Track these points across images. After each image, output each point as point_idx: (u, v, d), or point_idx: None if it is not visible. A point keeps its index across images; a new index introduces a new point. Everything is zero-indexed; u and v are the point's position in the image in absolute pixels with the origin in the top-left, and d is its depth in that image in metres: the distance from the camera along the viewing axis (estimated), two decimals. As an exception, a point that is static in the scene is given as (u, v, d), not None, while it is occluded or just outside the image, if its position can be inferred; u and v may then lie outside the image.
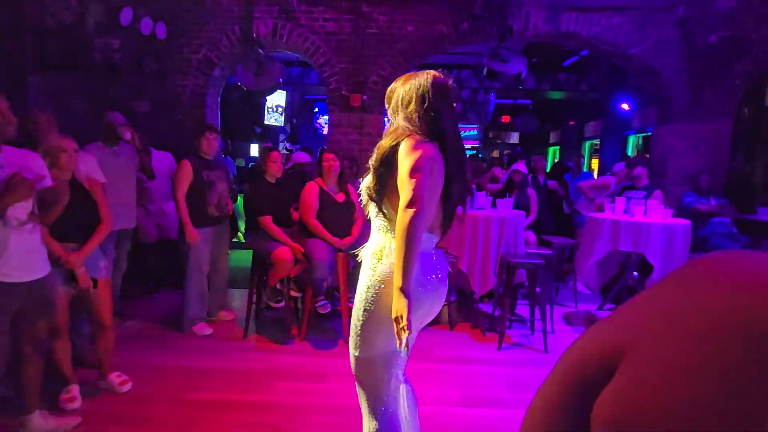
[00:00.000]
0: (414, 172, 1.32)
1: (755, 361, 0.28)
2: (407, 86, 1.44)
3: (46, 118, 2.60)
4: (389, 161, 1.39)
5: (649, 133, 7.57)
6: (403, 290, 1.30)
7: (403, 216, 1.30)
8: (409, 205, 1.30)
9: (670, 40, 4.63)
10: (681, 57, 4.66)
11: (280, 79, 4.63)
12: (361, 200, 1.52)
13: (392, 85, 1.51)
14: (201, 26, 4.62)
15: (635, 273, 3.87)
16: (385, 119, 9.04)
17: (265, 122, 9.00)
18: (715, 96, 4.70)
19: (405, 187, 1.32)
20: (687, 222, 3.56)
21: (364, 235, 3.53)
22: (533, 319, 3.54)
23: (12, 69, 4.21)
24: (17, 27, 3.86)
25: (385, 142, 1.43)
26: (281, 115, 9.25)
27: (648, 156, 5.52)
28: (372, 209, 1.47)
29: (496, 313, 3.56)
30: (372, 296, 1.42)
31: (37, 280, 1.84)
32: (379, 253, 1.45)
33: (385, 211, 1.44)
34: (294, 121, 10.53)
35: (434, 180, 1.38)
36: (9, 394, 2.13)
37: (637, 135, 8.51)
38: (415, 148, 1.34)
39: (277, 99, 8.98)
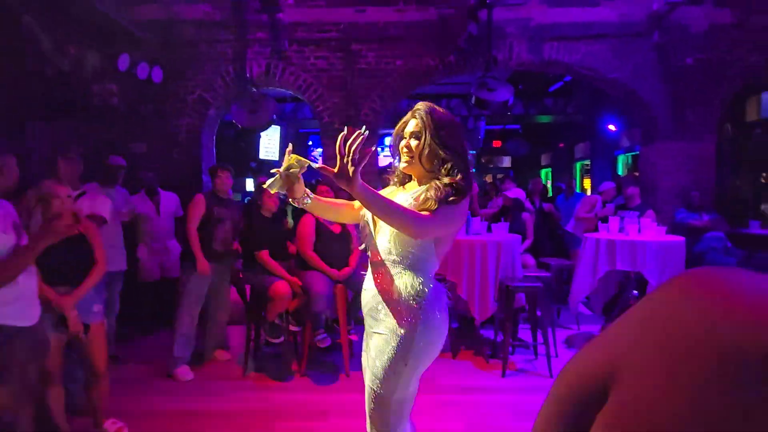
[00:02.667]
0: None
1: (731, 384, 0.30)
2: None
3: (66, 164, 2.71)
4: None
5: (638, 152, 7.74)
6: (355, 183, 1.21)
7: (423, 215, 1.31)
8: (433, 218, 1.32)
9: (648, 64, 4.81)
10: (660, 79, 4.83)
11: (274, 116, 4.75)
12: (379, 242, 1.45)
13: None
14: (196, 69, 4.77)
15: (635, 291, 3.86)
16: (380, 149, 9.17)
17: (261, 157, 9.12)
18: (696, 115, 4.84)
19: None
20: (681, 238, 3.59)
21: (361, 265, 3.54)
22: (536, 343, 3.50)
23: (12, 116, 4.30)
24: (17, 75, 3.97)
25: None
26: (276, 150, 9.40)
27: (638, 175, 5.61)
28: (396, 250, 1.39)
29: (498, 339, 3.52)
30: (415, 344, 1.35)
31: (32, 325, 1.82)
32: (414, 294, 1.37)
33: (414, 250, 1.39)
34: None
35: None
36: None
37: (626, 154, 8.69)
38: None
39: (271, 134, 9.14)
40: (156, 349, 3.58)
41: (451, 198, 1.31)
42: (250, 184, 9.65)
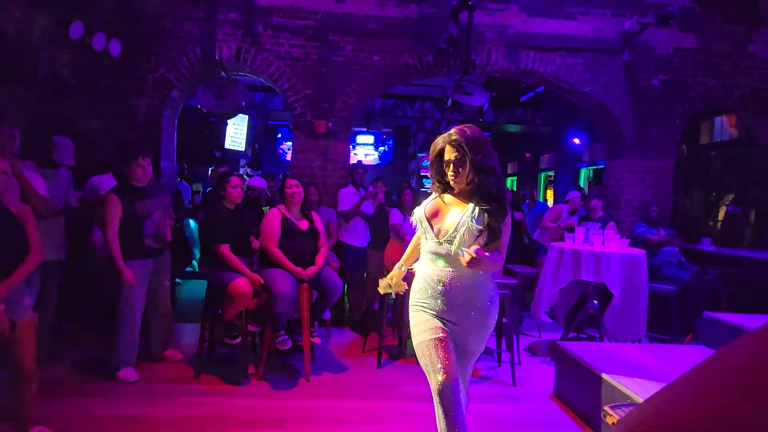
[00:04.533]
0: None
1: None
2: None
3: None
4: None
5: (599, 166, 8.03)
6: None
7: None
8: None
9: (617, 81, 4.96)
10: (628, 97, 5.00)
11: (243, 102, 4.49)
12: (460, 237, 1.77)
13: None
14: (159, 45, 4.44)
15: (595, 302, 3.95)
16: (351, 146, 8.95)
17: (226, 147, 8.73)
18: (659, 133, 5.05)
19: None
20: (642, 252, 3.70)
21: (328, 265, 3.39)
22: (500, 350, 3.49)
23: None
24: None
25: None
26: (242, 140, 9.03)
27: (601, 188, 5.79)
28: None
29: (464, 345, 3.48)
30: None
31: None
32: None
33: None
34: (256, 146, 10.31)
35: None
36: None
37: (588, 167, 9.02)
38: None
39: (239, 123, 8.76)
40: (99, 348, 3.27)
41: (502, 219, 1.78)
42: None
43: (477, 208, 1.75)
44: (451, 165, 1.77)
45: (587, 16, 4.87)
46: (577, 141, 8.60)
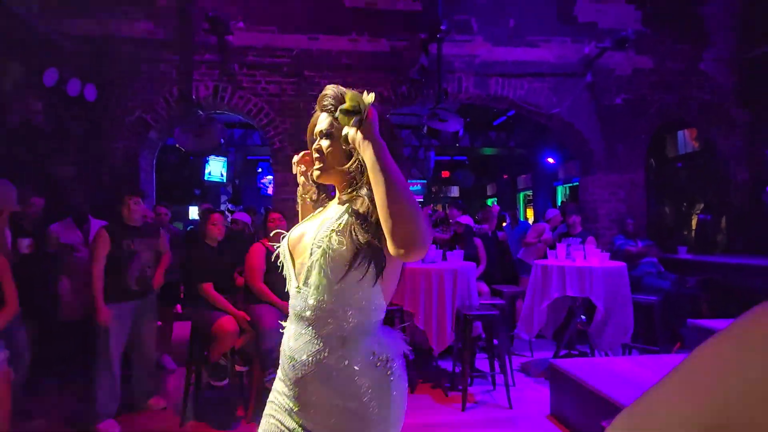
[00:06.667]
0: None
1: None
2: None
3: None
4: None
5: (575, 183, 8.29)
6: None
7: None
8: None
9: (583, 102, 5.21)
10: (593, 116, 5.24)
11: (222, 140, 4.52)
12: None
13: None
14: (136, 88, 4.46)
15: (583, 317, 3.98)
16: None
17: (206, 178, 8.69)
18: (626, 149, 5.28)
19: None
20: (623, 264, 3.79)
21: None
22: (494, 373, 3.46)
23: None
24: None
25: None
26: (222, 177, 9.02)
27: (578, 204, 5.96)
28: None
29: (457, 370, 3.44)
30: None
31: None
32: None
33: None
34: (237, 181, 10.29)
35: None
36: None
37: (564, 185, 9.28)
38: None
39: (217, 161, 8.77)
40: (76, 401, 3.10)
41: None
42: (194, 212, 9.11)
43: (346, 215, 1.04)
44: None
45: (548, 43, 5.15)
46: (551, 160, 8.89)
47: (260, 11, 4.67)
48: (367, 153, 0.96)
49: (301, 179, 1.25)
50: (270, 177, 9.22)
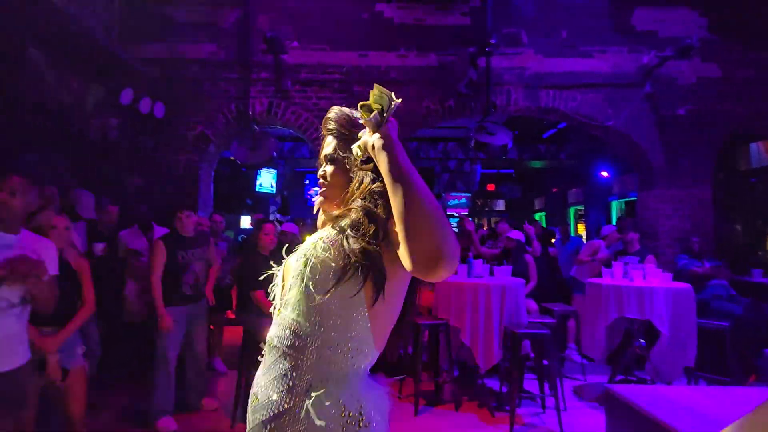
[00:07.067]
0: None
1: None
2: None
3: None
4: None
5: (632, 198, 7.84)
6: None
7: None
8: None
9: (642, 113, 4.95)
10: (653, 128, 4.97)
11: (274, 153, 4.74)
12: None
13: None
14: (198, 105, 4.80)
15: (642, 341, 3.73)
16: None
17: (257, 189, 9.12)
18: (689, 162, 4.94)
19: None
20: (688, 286, 3.52)
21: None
22: (543, 395, 3.31)
23: (7, 148, 4.22)
24: (16, 106, 3.93)
25: None
26: (272, 188, 9.41)
27: (636, 220, 5.63)
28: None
29: (504, 389, 3.33)
30: None
31: (10, 371, 1.65)
32: None
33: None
34: (285, 193, 10.68)
35: None
36: None
37: (620, 200, 8.81)
38: None
39: (268, 173, 9.18)
40: (138, 397, 3.31)
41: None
42: (245, 221, 9.55)
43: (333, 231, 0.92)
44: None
45: (603, 53, 4.97)
46: (605, 174, 8.48)
47: (313, 30, 4.89)
48: (382, 158, 0.83)
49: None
50: (316, 188, 9.48)
